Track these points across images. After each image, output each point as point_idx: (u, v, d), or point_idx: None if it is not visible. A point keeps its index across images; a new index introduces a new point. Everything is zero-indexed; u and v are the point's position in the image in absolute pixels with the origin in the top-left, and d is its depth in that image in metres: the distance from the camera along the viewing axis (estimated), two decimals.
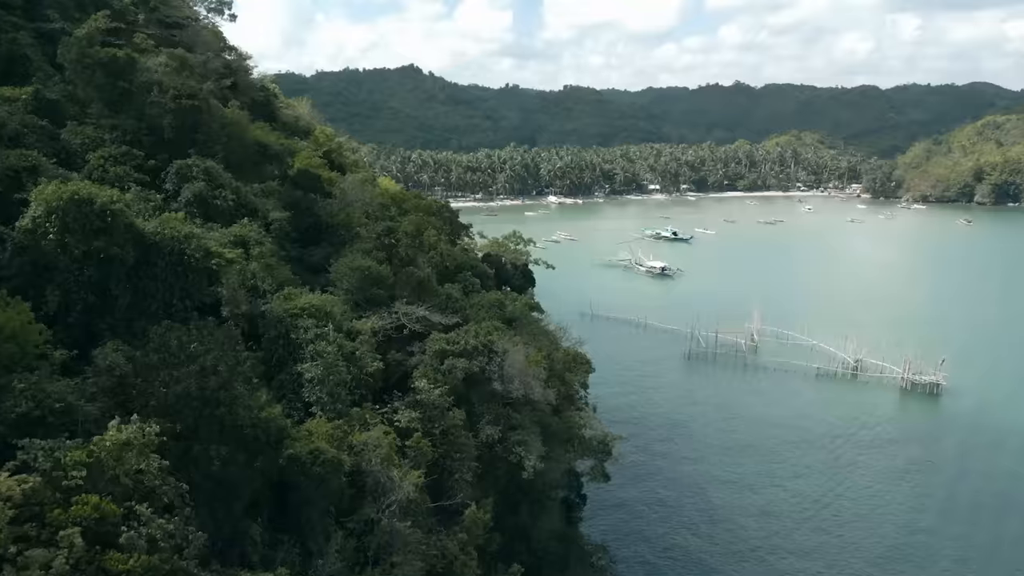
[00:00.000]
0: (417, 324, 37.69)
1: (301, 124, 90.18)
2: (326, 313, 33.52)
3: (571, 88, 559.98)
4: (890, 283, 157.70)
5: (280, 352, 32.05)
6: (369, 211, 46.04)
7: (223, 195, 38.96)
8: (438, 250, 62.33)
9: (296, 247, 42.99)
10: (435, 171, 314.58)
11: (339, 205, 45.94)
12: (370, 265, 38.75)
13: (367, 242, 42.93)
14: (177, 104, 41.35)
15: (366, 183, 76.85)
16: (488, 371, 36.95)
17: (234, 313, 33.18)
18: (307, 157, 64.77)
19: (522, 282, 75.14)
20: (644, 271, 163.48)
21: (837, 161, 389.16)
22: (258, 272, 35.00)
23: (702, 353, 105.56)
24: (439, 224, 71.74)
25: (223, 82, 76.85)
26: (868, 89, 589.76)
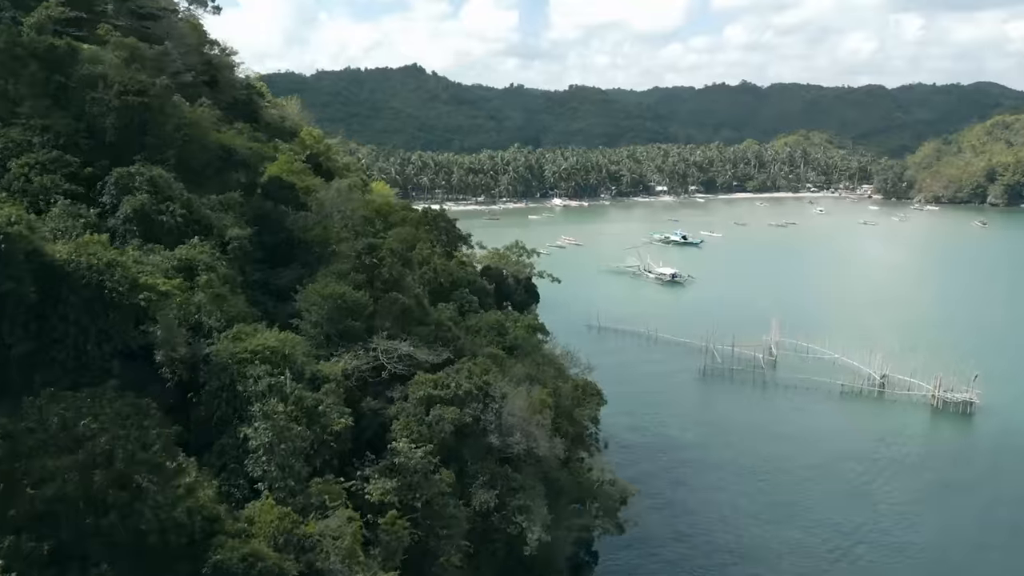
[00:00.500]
0: (399, 364, 31.53)
1: (287, 125, 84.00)
2: (283, 356, 27.35)
3: (576, 88, 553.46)
4: (911, 289, 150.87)
5: (223, 408, 25.93)
6: (349, 224, 39.84)
7: (170, 209, 32.84)
8: (431, 265, 56.19)
9: (262, 268, 36.92)
10: (436, 173, 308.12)
11: (315, 218, 39.76)
12: (344, 292, 32.59)
13: (345, 262, 36.82)
14: (122, 101, 35.25)
15: (354, 189, 70.80)
16: (483, 421, 30.79)
17: (170, 358, 27.05)
18: (286, 162, 58.65)
19: (525, 298, 68.87)
20: (653, 278, 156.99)
21: (847, 161, 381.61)
22: (204, 305, 28.89)
23: (718, 369, 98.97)
24: (434, 235, 65.57)
25: (200, 79, 71.00)
26: (874, 88, 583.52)
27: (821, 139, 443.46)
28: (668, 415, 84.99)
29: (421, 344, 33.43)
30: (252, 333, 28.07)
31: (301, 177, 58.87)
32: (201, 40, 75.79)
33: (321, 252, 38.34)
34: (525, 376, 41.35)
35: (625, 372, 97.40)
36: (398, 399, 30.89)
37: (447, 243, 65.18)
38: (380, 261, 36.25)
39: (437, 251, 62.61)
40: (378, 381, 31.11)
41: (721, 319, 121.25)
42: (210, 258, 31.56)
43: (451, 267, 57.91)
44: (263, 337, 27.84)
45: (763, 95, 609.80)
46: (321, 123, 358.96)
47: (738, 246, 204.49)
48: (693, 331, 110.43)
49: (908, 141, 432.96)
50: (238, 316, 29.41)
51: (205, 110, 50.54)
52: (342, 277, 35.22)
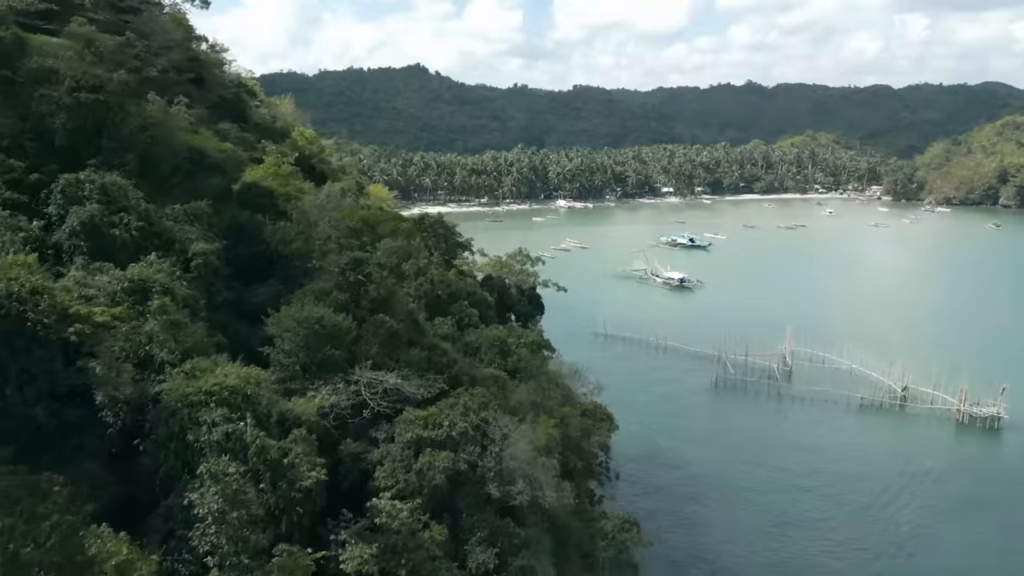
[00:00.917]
0: (384, 400, 27.39)
1: (278, 125, 79.96)
2: (245, 397, 23.22)
3: (581, 88, 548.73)
4: (928, 294, 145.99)
5: (171, 461, 21.83)
6: (333, 236, 35.63)
7: (125, 222, 28.76)
8: (428, 276, 52.10)
9: (236, 285, 32.83)
10: (438, 174, 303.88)
11: (295, 229, 35.59)
12: (322, 316, 28.45)
13: (328, 279, 32.70)
14: (75, 99, 31.19)
15: (348, 193, 66.70)
16: (481, 468, 26.60)
17: (112, 399, 22.94)
18: (273, 165, 54.56)
19: (529, 309, 64.65)
20: (661, 282, 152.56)
21: (856, 162, 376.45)
22: (156, 335, 24.80)
23: (731, 380, 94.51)
24: (432, 242, 61.44)
25: (185, 76, 66.99)
26: (880, 88, 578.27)
27: (828, 139, 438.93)
28: (681, 429, 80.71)
29: (411, 373, 29.26)
30: (210, 368, 23.95)
31: (288, 181, 54.77)
32: (187, 36, 71.86)
33: (301, 266, 34.21)
34: (529, 403, 37.14)
35: (634, 383, 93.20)
36: (383, 440, 26.77)
37: (446, 251, 61.09)
38: (367, 278, 32.10)
39: (434, 260, 58.46)
40: (360, 422, 26.95)
41: (732, 326, 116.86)
42: (168, 278, 27.45)
43: (449, 278, 53.77)
44: (223, 373, 23.70)
45: (768, 95, 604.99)
46: (323, 123, 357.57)
47: (747, 249, 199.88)
48: (704, 339, 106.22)
49: (916, 141, 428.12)
50: (196, 347, 25.31)
51: (181, 109, 46.47)
52: (323, 297, 31.07)
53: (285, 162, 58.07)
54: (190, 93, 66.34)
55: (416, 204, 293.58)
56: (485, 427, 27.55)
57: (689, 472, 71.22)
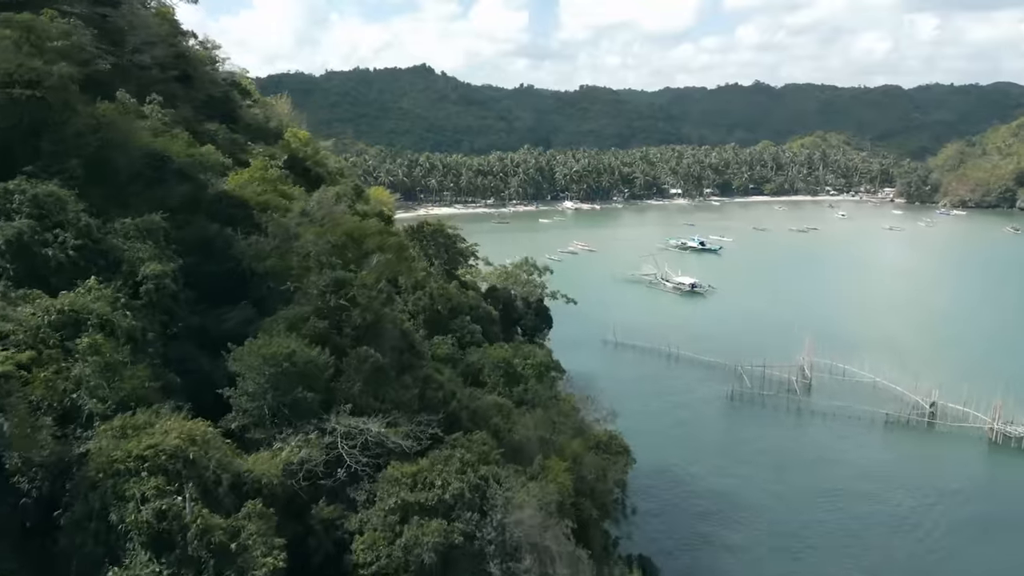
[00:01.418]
0: (365, 456, 22.88)
1: (272, 126, 75.71)
2: (187, 462, 18.73)
3: (587, 88, 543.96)
4: (950, 302, 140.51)
5: (89, 547, 17.41)
6: (313, 252, 31.04)
7: (60, 240, 24.37)
8: (426, 290, 47.70)
9: (202, 309, 28.40)
10: (443, 175, 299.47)
11: (272, 244, 31.06)
12: (293, 351, 23.93)
13: (307, 301, 28.22)
14: (7, 95, 26.85)
15: (342, 198, 62.27)
16: (480, 539, 22.04)
17: (26, 462, 18.53)
18: (259, 168, 50.18)
19: (536, 323, 60.15)
20: (671, 288, 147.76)
21: (868, 163, 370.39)
22: (86, 380, 20.41)
23: (748, 394, 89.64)
24: (432, 251, 57.05)
25: (168, 74, 62.76)
26: (890, 89, 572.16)
27: (838, 140, 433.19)
28: (697, 448, 76.08)
29: (400, 416, 24.71)
30: (147, 424, 19.49)
31: (276, 186, 50.39)
32: (174, 31, 67.59)
33: (278, 288, 29.73)
34: (537, 439, 32.64)
35: (646, 396, 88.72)
36: (362, 503, 22.29)
37: (447, 260, 56.67)
38: (350, 302, 27.62)
39: (434, 272, 54.01)
40: (334, 485, 22.41)
41: (747, 335, 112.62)
42: (109, 306, 22.99)
43: (450, 291, 49.34)
44: (162, 431, 19.21)
45: (777, 95, 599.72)
46: (329, 123, 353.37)
47: (759, 253, 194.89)
48: (717, 348, 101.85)
49: (928, 143, 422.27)
50: (135, 394, 20.83)
51: (154, 108, 42.14)
52: (298, 325, 26.57)
53: (273, 165, 53.78)
54: (174, 92, 62.16)
55: (421, 205, 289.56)
56: (485, 488, 23.02)
57: (707, 495, 66.66)
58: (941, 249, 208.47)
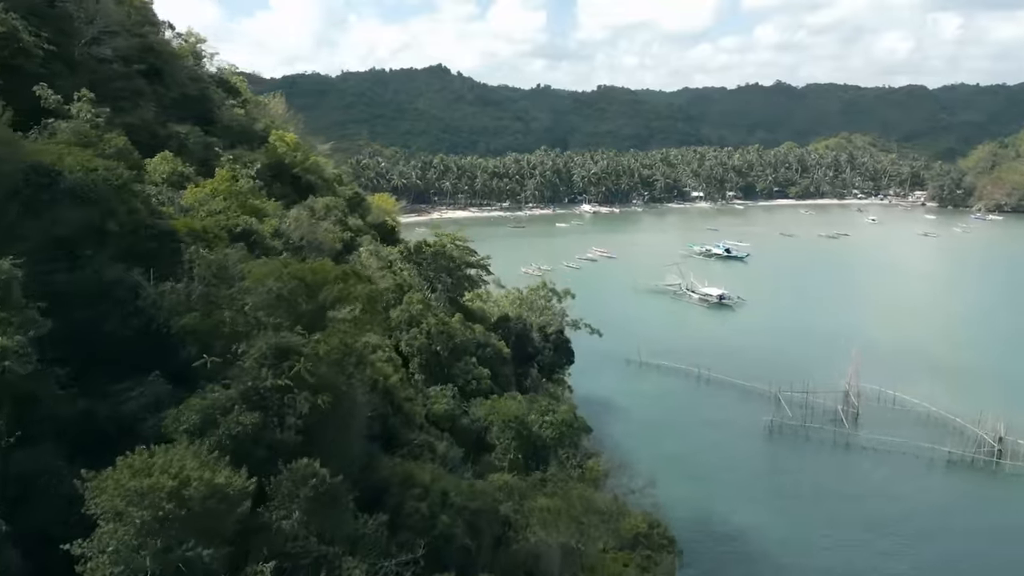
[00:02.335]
0: None
1: (258, 128, 67.96)
2: None
3: (605, 88, 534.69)
4: (1003, 317, 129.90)
5: None
6: (251, 305, 22.43)
7: None
8: (423, 327, 39.51)
9: (94, 385, 20.35)
10: (458, 177, 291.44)
11: (200, 290, 22.82)
12: (179, 483, 15.55)
13: (239, 378, 19.92)
14: None
15: (332, 211, 54.28)
16: None
17: None
18: (224, 180, 42.24)
19: (554, 358, 51.70)
20: (697, 299, 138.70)
21: (897, 166, 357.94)
22: None
23: (788, 426, 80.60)
24: (433, 274, 48.84)
25: (133, 68, 55.17)
26: (915, 89, 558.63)
27: (864, 142, 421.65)
28: (737, 489, 67.30)
29: (356, 567, 16.46)
30: None
31: (245, 200, 42.45)
32: (143, 20, 59.99)
33: (202, 355, 21.53)
34: (559, 551, 24.25)
35: (677, 426, 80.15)
36: None
37: (452, 286, 48.39)
38: (296, 380, 19.45)
39: (434, 301, 45.77)
40: None
41: (782, 354, 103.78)
42: None
43: (452, 327, 41.12)
44: None
45: (798, 95, 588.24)
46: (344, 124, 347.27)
47: (788, 260, 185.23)
48: (751, 369, 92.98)
49: (956, 144, 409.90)
50: None
51: (82, 107, 34.26)
52: (213, 420, 18.41)
53: (245, 175, 45.85)
54: (139, 88, 54.52)
55: (435, 209, 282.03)
56: None
57: (751, 546, 57.99)
58: (982, 257, 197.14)
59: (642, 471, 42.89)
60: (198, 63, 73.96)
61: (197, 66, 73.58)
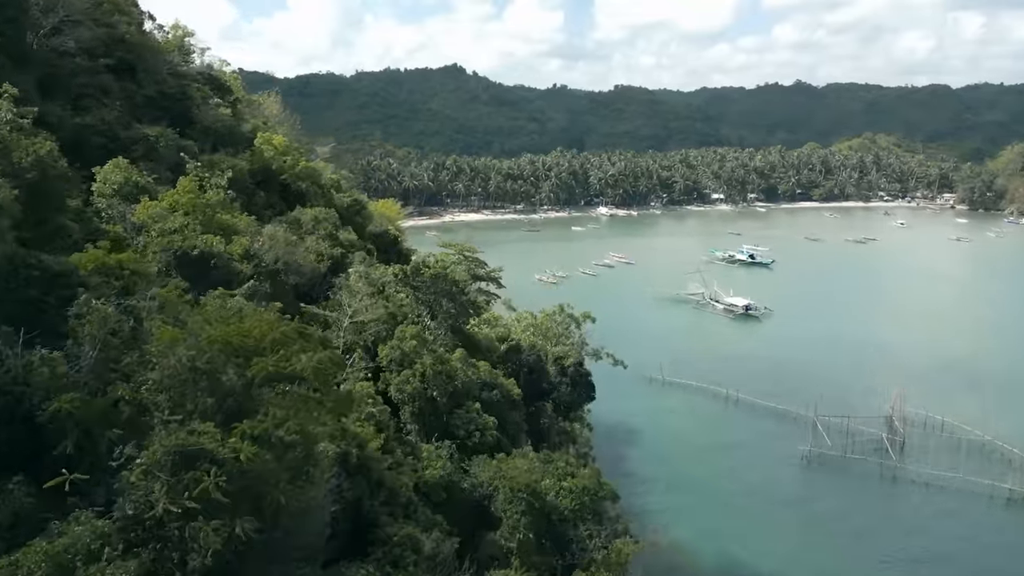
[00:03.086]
0: None
1: (246, 129, 61.89)
2: None
3: (622, 88, 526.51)
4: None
5: None
6: (149, 385, 15.91)
7: None
8: (416, 369, 33.18)
9: None
10: (471, 179, 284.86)
11: (89, 358, 16.25)
12: None
13: (130, 497, 13.77)
14: None
15: (321, 224, 48.11)
16: None
17: None
18: (186, 191, 36.17)
19: (572, 396, 45.04)
20: (722, 309, 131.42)
21: (925, 167, 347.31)
22: None
23: (828, 456, 73.45)
24: (432, 299, 42.39)
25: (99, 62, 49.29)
26: (938, 88, 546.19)
27: (888, 142, 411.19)
28: (771, 527, 60.72)
29: None
30: None
31: (213, 214, 36.25)
32: (112, 9, 54.00)
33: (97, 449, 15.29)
34: None
35: (703, 455, 73.44)
36: None
37: (454, 313, 41.92)
38: (204, 502, 13.20)
39: (432, 332, 39.33)
40: None
41: (816, 372, 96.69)
42: None
43: (452, 365, 34.68)
44: None
45: (819, 95, 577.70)
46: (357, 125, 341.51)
47: (814, 267, 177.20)
48: (784, 390, 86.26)
49: (982, 144, 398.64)
50: None
51: (4, 105, 28.15)
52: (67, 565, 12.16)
53: (215, 185, 39.66)
54: (105, 84, 48.62)
55: (447, 211, 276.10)
56: None
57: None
58: (1019, 264, 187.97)
59: (667, 506, 36.01)
60: (185, 58, 68.09)
61: (184, 62, 67.67)
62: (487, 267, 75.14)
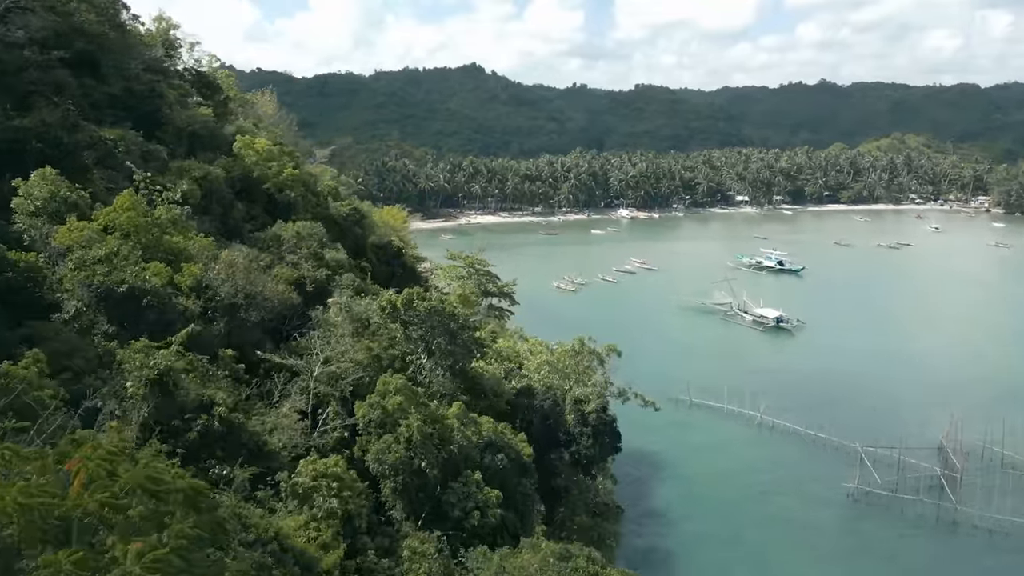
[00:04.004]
0: None
1: (229, 131, 55.72)
2: None
3: (643, 87, 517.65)
4: None
5: None
6: None
7: None
8: (406, 429, 26.72)
9: None
10: (488, 180, 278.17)
11: None
12: None
13: None
14: None
15: (305, 240, 41.80)
16: None
17: None
18: (124, 208, 30.02)
19: (594, 450, 38.20)
20: (751, 321, 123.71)
21: (958, 169, 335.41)
22: None
23: (877, 495, 65.92)
24: (429, 335, 35.75)
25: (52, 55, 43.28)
26: (967, 88, 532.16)
27: (917, 143, 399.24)
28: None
29: None
30: None
31: (160, 235, 30.03)
32: None
33: None
34: None
35: (735, 491, 66.05)
36: None
37: (460, 352, 35.20)
38: None
39: (425, 373, 32.74)
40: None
41: (858, 394, 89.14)
42: None
43: (447, 424, 28.09)
44: None
45: (844, 94, 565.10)
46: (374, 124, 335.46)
47: (847, 275, 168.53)
48: (822, 414, 78.82)
49: (1013, 145, 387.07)
50: None
51: None
52: None
53: (167, 200, 33.35)
54: (60, 81, 42.52)
55: (463, 213, 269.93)
56: None
57: None
58: None
59: (696, 560, 29.19)
60: (170, 53, 62.12)
61: (168, 57, 61.70)
62: (499, 281, 68.50)
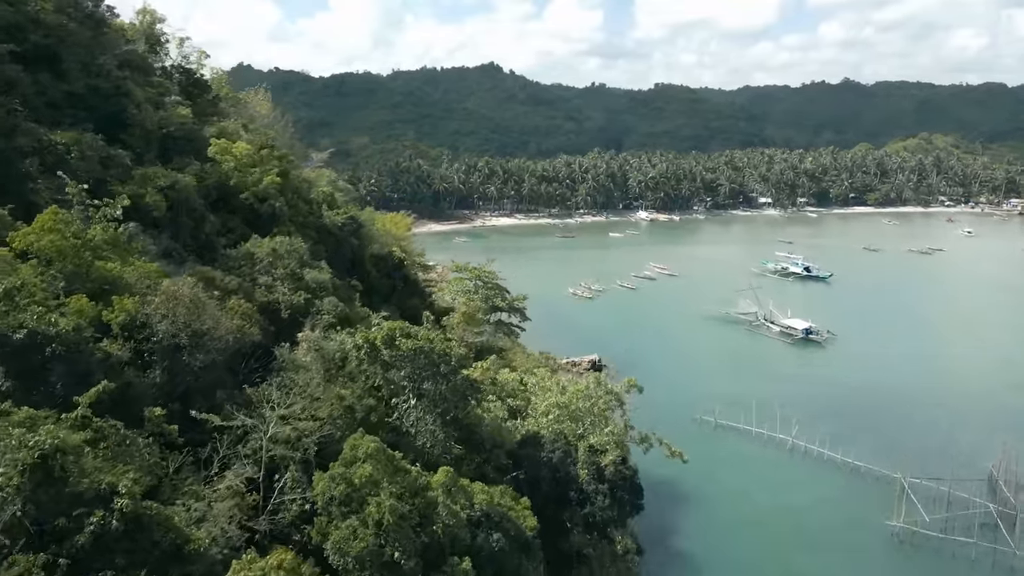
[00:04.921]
0: None
1: (209, 134, 50.72)
2: None
3: (663, 87, 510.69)
4: None
5: None
6: None
7: None
8: (375, 511, 21.25)
9: None
10: (504, 181, 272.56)
11: None
12: None
13: None
14: None
15: (283, 259, 36.59)
16: None
17: None
18: (49, 223, 24.86)
19: (612, 511, 32.56)
20: (778, 332, 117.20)
21: (990, 170, 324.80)
22: None
23: (924, 536, 59.65)
24: (416, 382, 30.34)
25: None
26: (994, 87, 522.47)
27: (945, 143, 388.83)
28: None
29: None
30: None
31: (87, 263, 24.90)
32: None
33: None
34: None
35: (766, 530, 59.79)
36: None
37: (447, 398, 29.74)
38: None
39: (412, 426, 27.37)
40: None
41: (895, 413, 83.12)
42: None
43: (430, 498, 22.67)
44: None
45: (868, 94, 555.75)
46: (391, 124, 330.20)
47: (878, 282, 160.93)
48: (859, 438, 73.03)
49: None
50: None
51: None
52: None
53: (102, 217, 28.22)
54: (10, 78, 37.63)
55: (478, 215, 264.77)
56: None
57: None
58: None
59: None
60: (155, 49, 57.35)
61: (152, 52, 56.90)
62: (509, 295, 63.12)
